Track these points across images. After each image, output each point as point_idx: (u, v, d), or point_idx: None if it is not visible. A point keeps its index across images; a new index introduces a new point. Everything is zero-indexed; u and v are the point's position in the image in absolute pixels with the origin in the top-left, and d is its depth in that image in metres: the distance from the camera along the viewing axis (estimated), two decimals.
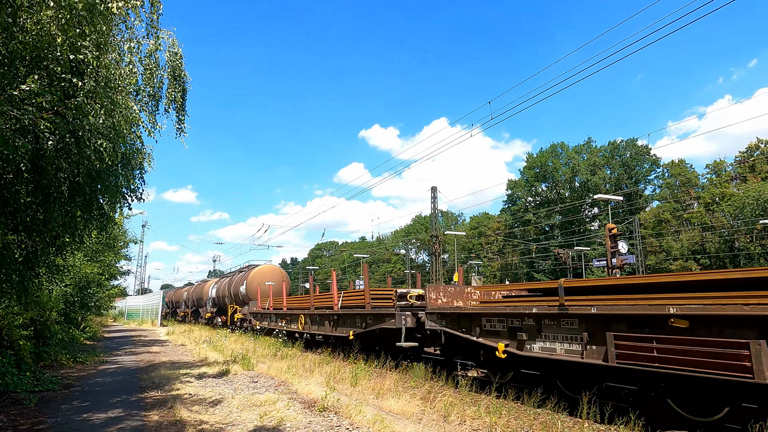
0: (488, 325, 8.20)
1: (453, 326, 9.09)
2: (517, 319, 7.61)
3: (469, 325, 8.64)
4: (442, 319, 9.42)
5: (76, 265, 16.90)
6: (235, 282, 28.52)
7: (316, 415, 6.57)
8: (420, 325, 10.35)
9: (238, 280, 27.93)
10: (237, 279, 28.68)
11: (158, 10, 7.05)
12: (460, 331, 8.85)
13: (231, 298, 28.52)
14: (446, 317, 9.33)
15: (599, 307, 6.28)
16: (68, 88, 6.12)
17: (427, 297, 9.90)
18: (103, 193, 8.08)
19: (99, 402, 7.81)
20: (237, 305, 26.97)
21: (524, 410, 7.02)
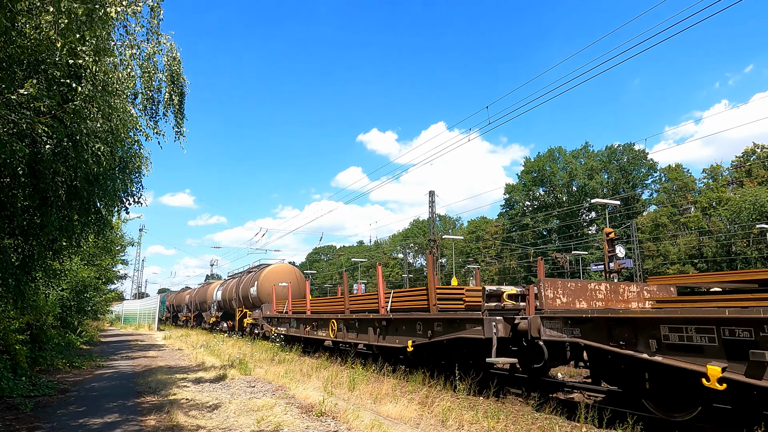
0: (677, 337, 5.41)
1: (597, 337, 6.34)
2: (745, 328, 4.82)
3: (632, 337, 5.85)
4: (574, 326, 6.69)
5: (73, 269, 16.86)
6: (245, 283, 25.88)
7: (313, 419, 6.55)
8: (518, 334, 8.08)
9: (248, 281, 25.35)
10: (246, 280, 25.98)
11: (158, 15, 7.08)
12: (613, 344, 6.07)
13: (239, 301, 26.15)
14: (582, 324, 6.57)
15: None
16: (66, 92, 6.14)
17: (542, 295, 7.35)
18: (100, 197, 8.09)
19: (95, 407, 7.77)
20: (247, 309, 24.61)
21: (522, 414, 7.01)
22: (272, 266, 24.98)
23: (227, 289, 28.96)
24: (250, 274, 26.39)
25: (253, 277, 24.64)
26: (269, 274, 23.96)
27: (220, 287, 30.92)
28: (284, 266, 25.55)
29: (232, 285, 28.36)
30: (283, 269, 24.94)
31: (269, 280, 23.25)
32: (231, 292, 27.84)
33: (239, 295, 25.97)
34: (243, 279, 26.78)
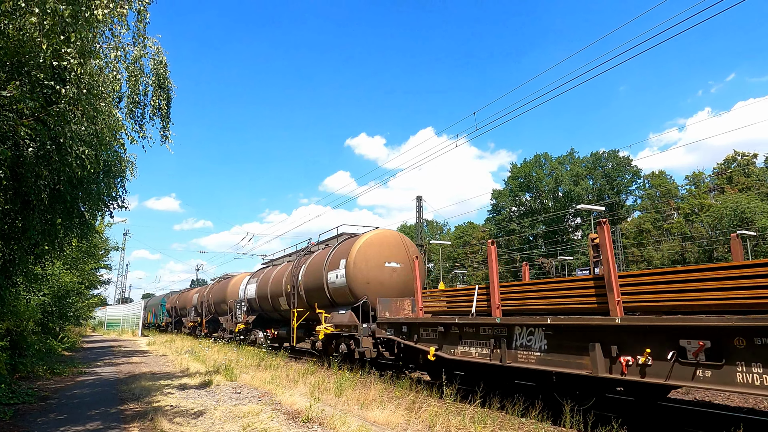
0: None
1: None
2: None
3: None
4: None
5: (55, 273, 16.58)
6: (312, 267, 15.44)
7: (300, 426, 6.50)
8: None
9: (319, 263, 14.95)
10: (315, 262, 15.39)
11: (145, 19, 7.03)
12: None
13: (297, 296, 16.27)
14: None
15: None
16: (50, 94, 6.06)
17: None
18: (84, 201, 7.98)
19: (77, 414, 7.63)
20: (321, 308, 14.47)
21: (509, 420, 7.04)
22: (369, 235, 13.93)
23: (268, 280, 19.29)
24: (321, 251, 15.88)
25: (333, 255, 14.34)
26: (367, 247, 13.41)
27: (252, 280, 21.59)
28: (390, 235, 14.22)
29: (278, 274, 18.50)
30: (390, 239, 13.95)
31: (368, 258, 13.24)
32: (278, 285, 18.06)
33: (298, 286, 16.07)
34: (306, 261, 16.24)
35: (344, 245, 14.26)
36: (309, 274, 15.51)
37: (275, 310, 18.89)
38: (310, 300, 15.27)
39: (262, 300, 19.82)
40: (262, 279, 20.34)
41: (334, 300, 14.00)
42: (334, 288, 13.87)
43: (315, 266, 15.26)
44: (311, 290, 15.24)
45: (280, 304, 18.05)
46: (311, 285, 15.23)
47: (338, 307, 13.86)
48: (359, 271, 13.11)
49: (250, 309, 21.43)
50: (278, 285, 18.08)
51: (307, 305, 15.62)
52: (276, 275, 18.76)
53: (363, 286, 13.04)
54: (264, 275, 20.37)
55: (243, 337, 21.74)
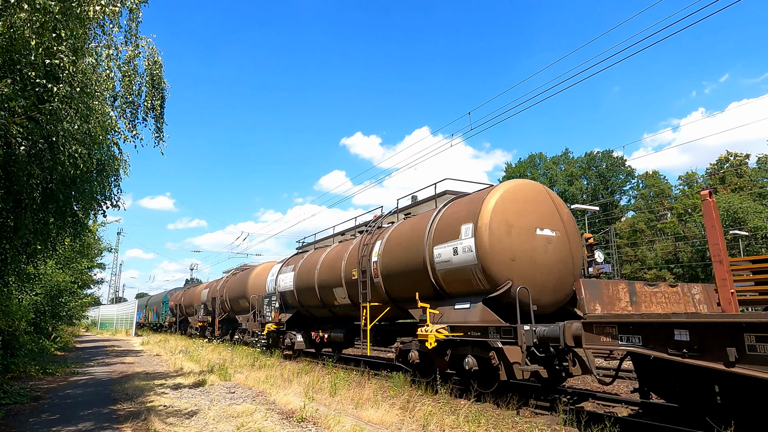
0: None
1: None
2: None
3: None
4: None
5: (48, 273, 16.49)
6: (401, 239, 10.79)
7: (294, 425, 6.49)
8: None
9: (420, 233, 10.12)
10: (408, 231, 10.80)
11: (137, 18, 6.99)
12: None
13: (375, 286, 11.38)
14: None
15: None
16: (42, 92, 6.01)
17: None
18: (77, 200, 7.94)
19: (69, 415, 7.58)
20: (423, 301, 9.69)
21: (502, 418, 7.06)
22: (507, 187, 9.13)
23: (313, 267, 14.52)
24: (415, 218, 11.11)
25: (443, 220, 9.69)
26: (507, 206, 8.74)
27: (287, 268, 16.74)
28: (534, 188, 9.38)
29: (330, 258, 13.86)
30: (536, 194, 9.27)
31: (510, 222, 8.60)
32: (332, 271, 13.41)
33: (372, 271, 11.34)
34: (385, 235, 11.44)
35: (462, 205, 9.39)
36: (393, 252, 10.67)
37: (325, 306, 14.11)
38: (396, 290, 10.69)
39: (303, 293, 15.01)
40: (303, 266, 15.37)
41: (444, 288, 9.29)
42: (446, 270, 9.06)
43: (405, 240, 10.45)
44: (399, 275, 10.45)
45: (335, 298, 13.30)
46: (399, 268, 10.43)
47: (454, 299, 9.14)
48: (498, 240, 8.29)
49: (284, 305, 16.46)
50: (332, 271, 13.20)
51: (386, 298, 11.00)
52: (327, 260, 13.86)
53: (506, 264, 8.24)
54: (306, 261, 15.42)
55: (271, 341, 17.35)
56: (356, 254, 12.19)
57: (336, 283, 13.06)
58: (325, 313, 14.83)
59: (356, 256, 12.14)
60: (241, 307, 21.71)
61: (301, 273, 15.39)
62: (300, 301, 15.45)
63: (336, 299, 13.32)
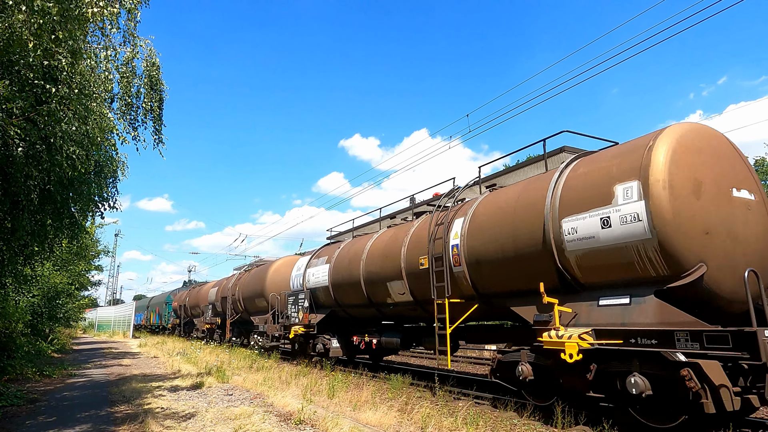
0: None
1: None
2: None
3: None
4: None
5: (45, 274, 16.46)
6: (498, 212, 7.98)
7: (292, 428, 6.48)
8: None
9: (532, 202, 7.33)
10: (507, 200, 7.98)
11: (135, 18, 6.99)
12: None
13: (456, 278, 8.61)
14: None
15: None
16: (41, 93, 6.01)
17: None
18: (74, 202, 7.93)
19: (66, 417, 7.55)
20: (551, 296, 6.77)
21: (501, 420, 7.05)
22: (686, 130, 6.25)
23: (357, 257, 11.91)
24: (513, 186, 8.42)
25: (574, 181, 6.89)
26: (689, 157, 6.00)
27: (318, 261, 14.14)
28: (717, 138, 6.54)
29: (380, 246, 11.33)
30: (722, 146, 6.52)
31: (698, 179, 5.94)
32: (384, 261, 10.83)
33: (450, 258, 8.73)
34: (469, 210, 8.71)
35: (608, 159, 6.69)
36: (485, 232, 8.01)
37: (372, 305, 11.44)
38: (488, 281, 8.08)
39: (342, 289, 12.46)
40: (341, 257, 12.76)
41: (578, 277, 6.73)
42: (587, 250, 6.51)
43: (507, 214, 7.74)
44: (495, 262, 7.79)
45: (388, 294, 10.65)
46: (495, 252, 7.75)
47: (594, 291, 6.63)
48: (685, 205, 5.79)
49: (315, 304, 14.01)
50: (386, 262, 10.61)
51: (472, 293, 8.37)
52: (377, 248, 11.21)
53: (697, 239, 5.74)
54: (345, 251, 12.81)
55: (297, 347, 15.13)
56: (424, 238, 9.44)
57: (391, 276, 10.35)
58: (371, 313, 12.07)
59: (425, 241, 9.38)
60: (257, 308, 19.12)
61: (338, 265, 12.70)
62: (337, 299, 12.90)
63: (390, 296, 10.62)
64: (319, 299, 13.89)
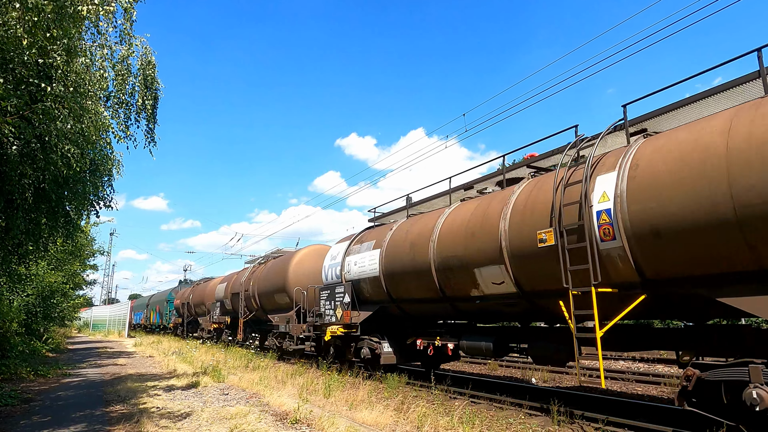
0: None
1: None
2: None
3: None
4: None
5: (40, 273, 16.37)
6: None
7: (288, 427, 6.47)
8: None
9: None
10: None
11: (131, 17, 6.96)
12: None
13: (605, 259, 6.09)
14: None
15: None
16: (35, 92, 5.98)
17: None
18: (69, 200, 7.89)
19: (61, 417, 7.52)
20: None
21: (497, 419, 7.07)
22: None
23: (426, 238, 9.42)
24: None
25: None
26: None
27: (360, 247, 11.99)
28: None
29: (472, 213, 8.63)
30: None
31: None
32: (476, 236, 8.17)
33: (593, 221, 6.18)
34: (631, 157, 6.05)
35: None
36: (669, 187, 5.46)
37: (446, 299, 9.09)
38: (673, 259, 5.55)
39: (400, 280, 10.14)
40: (398, 239, 10.39)
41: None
42: None
43: (709, 157, 5.14)
44: (703, 229, 5.12)
45: (475, 284, 8.25)
46: (700, 213, 5.13)
47: None
48: None
49: (357, 300, 11.65)
50: (472, 241, 8.18)
51: (636, 277, 5.97)
52: (453, 225, 8.85)
53: None
54: (402, 232, 10.41)
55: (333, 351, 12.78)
56: (542, 204, 7.04)
57: (482, 260, 7.89)
58: (440, 310, 9.68)
59: (543, 209, 6.99)
60: (276, 305, 16.69)
61: (394, 251, 10.32)
62: (390, 293, 10.50)
63: (478, 286, 8.16)
64: (364, 293, 11.50)
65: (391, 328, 11.21)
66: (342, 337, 11.91)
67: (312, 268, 15.41)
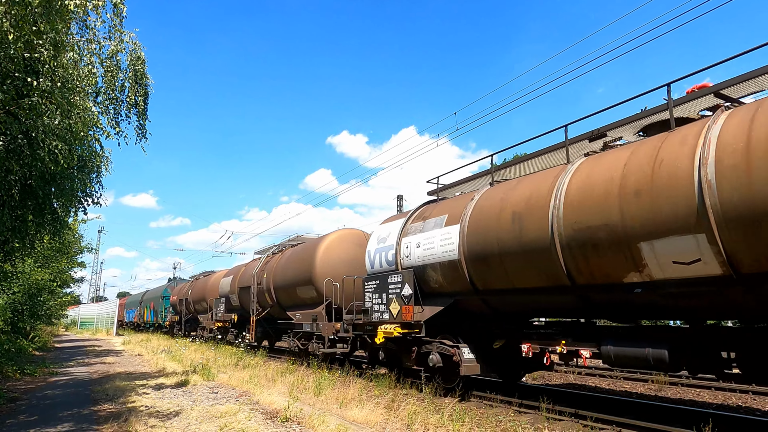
0: None
1: None
2: None
3: None
4: None
5: (26, 271, 16.17)
6: None
7: (278, 425, 6.46)
8: None
9: None
10: None
11: (121, 13, 6.88)
12: None
13: None
14: None
15: None
16: (22, 87, 5.89)
17: None
18: (57, 197, 7.80)
19: (48, 416, 7.44)
20: None
21: (486, 417, 7.11)
22: None
23: (547, 194, 6.88)
24: None
25: None
26: None
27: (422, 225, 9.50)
28: None
29: (641, 161, 5.84)
30: None
31: None
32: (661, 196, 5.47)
33: None
34: None
35: None
36: None
37: (573, 288, 6.72)
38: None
39: (492, 263, 7.71)
40: (490, 209, 7.97)
41: None
42: None
43: None
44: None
45: (639, 264, 5.81)
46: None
47: None
48: None
49: (420, 293, 9.22)
50: (637, 203, 5.72)
51: None
52: (593, 184, 6.36)
53: None
54: (496, 200, 7.98)
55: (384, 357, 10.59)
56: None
57: (658, 229, 5.52)
58: (559, 303, 7.35)
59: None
60: (298, 300, 14.54)
61: (482, 223, 7.91)
62: (474, 282, 8.11)
63: (643, 267, 5.80)
64: (430, 283, 9.11)
65: (469, 327, 8.94)
66: (398, 339, 9.64)
67: (345, 255, 13.40)
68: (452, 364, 8.55)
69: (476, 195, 8.65)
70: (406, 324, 9.32)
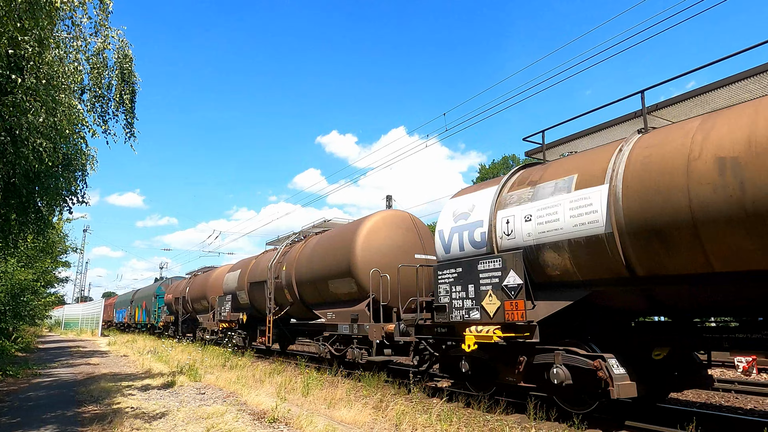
0: None
1: None
2: None
3: None
4: None
5: (9, 271, 15.91)
6: None
7: (265, 426, 6.43)
8: None
9: None
10: None
11: (107, 8, 6.80)
12: None
13: None
14: None
15: None
16: (5, 84, 5.80)
17: None
18: (41, 196, 7.70)
19: (31, 418, 7.32)
20: None
21: (474, 417, 7.14)
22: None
23: None
24: None
25: None
26: None
27: (548, 188, 6.85)
28: None
29: None
30: None
31: None
32: None
33: None
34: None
35: None
36: None
37: None
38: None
39: (680, 235, 5.28)
40: (657, 159, 5.58)
41: None
42: None
43: None
44: None
45: None
46: None
47: None
48: None
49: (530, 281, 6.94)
50: None
51: None
52: None
53: None
54: (667, 147, 5.55)
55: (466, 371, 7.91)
56: None
57: None
58: None
59: None
60: (330, 296, 12.38)
61: (654, 178, 5.59)
62: (632, 265, 5.86)
63: None
64: (547, 270, 6.80)
65: (611, 331, 6.85)
66: (495, 346, 7.20)
67: (390, 241, 11.38)
68: (590, 381, 6.18)
69: (624, 145, 6.21)
70: (509, 325, 6.95)
